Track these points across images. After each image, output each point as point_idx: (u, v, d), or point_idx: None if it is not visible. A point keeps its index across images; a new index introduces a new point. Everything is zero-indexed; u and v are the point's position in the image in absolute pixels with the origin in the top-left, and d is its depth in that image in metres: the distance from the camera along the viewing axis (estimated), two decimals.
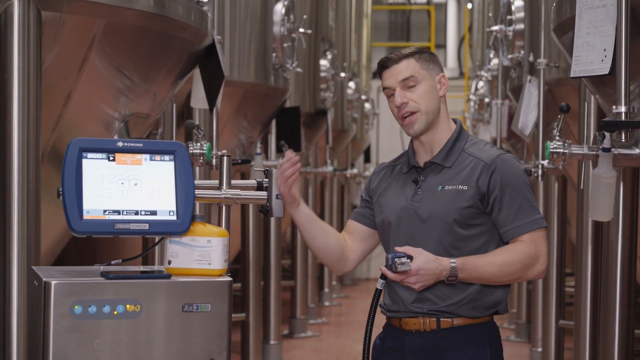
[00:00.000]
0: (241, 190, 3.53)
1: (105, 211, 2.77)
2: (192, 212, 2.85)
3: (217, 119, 5.23)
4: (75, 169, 2.75)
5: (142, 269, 2.96)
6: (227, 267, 2.89)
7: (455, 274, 3.09)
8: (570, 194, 7.23)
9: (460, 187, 3.17)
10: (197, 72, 4.91)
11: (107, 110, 4.35)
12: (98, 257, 5.93)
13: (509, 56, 7.19)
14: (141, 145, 2.85)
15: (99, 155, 2.80)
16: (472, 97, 12.67)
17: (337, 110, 10.71)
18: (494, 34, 7.46)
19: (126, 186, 2.80)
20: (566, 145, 4.07)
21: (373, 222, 3.37)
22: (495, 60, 9.49)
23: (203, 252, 2.86)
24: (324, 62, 9.39)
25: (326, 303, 11.82)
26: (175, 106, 5.18)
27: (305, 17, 7.39)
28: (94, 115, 4.30)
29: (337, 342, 9.47)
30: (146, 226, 2.80)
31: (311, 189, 10.23)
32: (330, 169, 10.22)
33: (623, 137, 3.58)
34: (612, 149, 3.73)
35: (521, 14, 7.07)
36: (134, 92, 4.36)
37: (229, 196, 3.48)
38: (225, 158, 3.58)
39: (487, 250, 3.17)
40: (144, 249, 4.95)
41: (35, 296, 2.79)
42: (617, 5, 3.45)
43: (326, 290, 11.97)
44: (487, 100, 10.67)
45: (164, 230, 2.83)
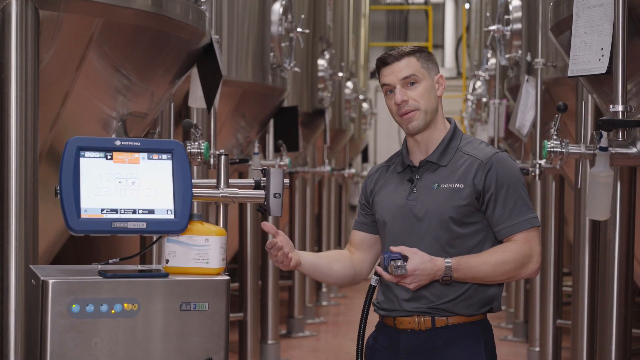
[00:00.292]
0: (239, 189, 3.53)
1: (102, 210, 2.76)
2: (189, 211, 2.85)
3: (215, 118, 5.23)
4: (72, 167, 2.75)
5: (139, 267, 2.96)
6: (224, 266, 2.89)
7: (450, 274, 3.09)
8: (568, 193, 7.23)
9: (456, 185, 3.18)
10: (194, 71, 4.91)
11: (105, 109, 4.35)
12: (96, 256, 5.93)
13: (507, 56, 7.19)
14: (139, 144, 2.85)
15: (97, 154, 2.79)
16: (469, 96, 12.68)
17: (334, 110, 10.71)
18: (492, 33, 7.46)
19: (124, 185, 2.80)
20: (563, 144, 4.07)
21: (375, 228, 3.37)
22: (492, 60, 9.50)
23: (201, 251, 2.86)
24: (321, 62, 9.39)
25: (324, 303, 11.82)
26: (173, 105, 5.18)
27: (303, 16, 7.39)
28: (92, 114, 4.30)
29: (334, 342, 9.47)
30: (144, 225, 2.79)
31: (309, 189, 10.22)
32: (328, 168, 10.22)
33: (620, 136, 3.58)
34: (609, 148, 3.73)
35: (518, 14, 7.07)
36: (131, 91, 4.36)
37: (226, 195, 3.47)
38: (223, 157, 3.57)
39: (483, 248, 3.18)
40: (141, 247, 4.95)
41: (33, 295, 2.79)
42: (614, 5, 3.45)
43: (324, 289, 11.97)
44: (484, 99, 10.68)
45: (161, 229, 2.82)
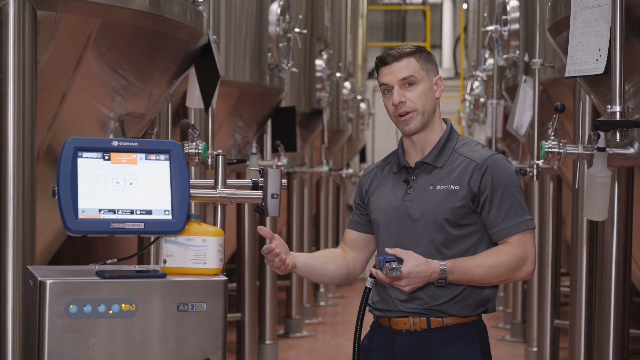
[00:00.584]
0: (237, 190, 3.52)
1: (100, 210, 2.76)
2: (187, 211, 2.85)
3: (213, 118, 5.24)
4: (70, 168, 2.75)
5: (137, 268, 2.95)
6: (222, 266, 2.89)
7: (445, 276, 3.09)
8: (565, 193, 7.24)
9: (452, 187, 3.18)
10: (192, 71, 4.91)
11: (103, 110, 4.35)
12: (93, 257, 5.93)
13: (504, 56, 7.20)
14: (136, 144, 2.85)
15: (94, 154, 2.79)
16: (467, 97, 12.69)
17: (332, 110, 10.72)
18: (489, 34, 7.47)
19: (121, 185, 2.80)
20: (561, 144, 4.08)
21: (370, 228, 3.37)
22: (490, 60, 9.51)
23: (198, 252, 2.86)
24: (319, 62, 9.39)
25: (322, 303, 11.82)
26: (170, 106, 5.18)
27: (300, 17, 7.39)
28: (90, 115, 4.30)
29: (332, 342, 9.47)
30: (141, 225, 2.79)
31: (307, 189, 10.23)
32: (325, 168, 10.23)
33: (618, 137, 3.59)
34: (606, 149, 3.73)
35: (516, 14, 7.07)
36: (129, 92, 4.36)
37: (224, 195, 3.47)
38: (221, 157, 3.57)
39: (478, 249, 3.18)
40: (139, 248, 4.95)
41: (31, 296, 2.79)
42: (611, 5, 3.46)
43: (322, 290, 11.97)
44: (482, 100, 10.69)
45: (159, 230, 2.82)
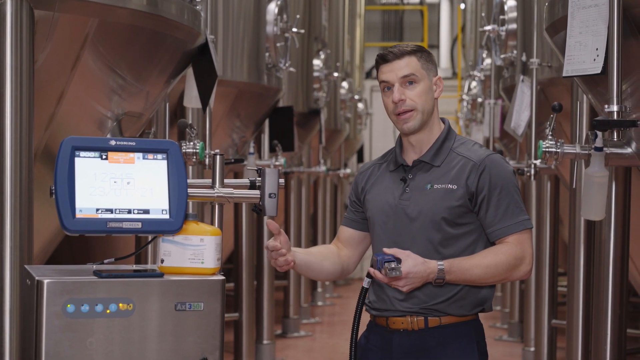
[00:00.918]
0: (234, 189, 3.52)
1: (97, 210, 2.76)
2: (184, 210, 2.85)
3: (210, 118, 5.23)
4: (67, 167, 2.75)
5: (134, 267, 2.96)
6: (220, 266, 2.90)
7: (443, 276, 3.09)
8: (563, 193, 7.24)
9: (449, 186, 3.18)
10: (190, 71, 4.90)
11: (100, 109, 4.34)
12: (91, 256, 5.93)
13: (502, 56, 7.20)
14: (134, 144, 2.85)
15: (92, 153, 2.79)
16: (465, 97, 12.69)
17: (330, 110, 10.71)
18: (487, 33, 7.47)
19: (119, 185, 2.80)
20: (558, 144, 4.08)
21: (364, 226, 3.37)
22: (488, 60, 9.50)
23: (196, 251, 2.86)
24: (317, 62, 9.39)
25: (319, 303, 11.82)
26: (168, 105, 5.18)
27: (298, 16, 7.39)
28: (87, 114, 4.30)
29: (330, 342, 9.47)
30: (139, 225, 2.79)
31: (304, 189, 10.22)
32: (323, 168, 10.22)
33: (615, 136, 3.59)
34: (604, 148, 3.73)
35: (514, 14, 7.07)
36: (126, 91, 4.36)
37: (221, 195, 3.47)
38: (218, 157, 3.57)
39: (475, 249, 3.18)
40: (136, 247, 4.95)
41: (28, 295, 2.79)
42: (609, 5, 3.46)
43: (319, 290, 11.97)
44: (479, 100, 10.69)
45: (156, 229, 2.82)
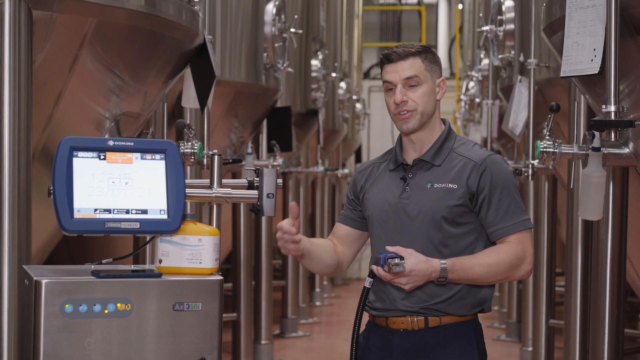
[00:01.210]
0: (232, 189, 3.53)
1: (96, 210, 2.77)
2: (183, 211, 2.85)
3: (208, 118, 5.23)
4: (66, 167, 2.75)
5: (133, 267, 2.96)
6: (217, 266, 2.90)
7: (445, 274, 3.10)
8: (560, 193, 7.25)
9: (450, 185, 3.18)
10: (188, 71, 4.91)
11: (98, 110, 4.35)
12: (89, 256, 5.93)
13: (500, 56, 7.20)
14: (132, 144, 2.85)
15: (90, 154, 2.80)
16: (462, 97, 12.70)
17: (328, 111, 10.72)
18: (485, 34, 7.47)
19: (117, 185, 2.80)
20: (556, 144, 4.08)
21: (361, 224, 3.37)
22: (485, 61, 9.50)
23: (194, 251, 2.86)
24: (315, 62, 9.39)
25: (317, 303, 11.82)
26: (166, 106, 5.18)
27: (296, 17, 7.39)
28: (85, 115, 4.30)
29: (328, 342, 9.47)
30: (137, 225, 2.80)
31: (302, 189, 10.23)
32: (321, 169, 10.22)
33: (612, 137, 3.59)
34: (601, 149, 3.74)
35: (511, 14, 7.08)
36: (125, 92, 4.36)
37: (219, 195, 3.48)
38: (216, 157, 3.58)
39: (475, 248, 3.19)
40: (135, 248, 4.95)
41: (26, 295, 2.79)
42: (606, 5, 3.46)
43: (317, 290, 11.97)
44: (477, 100, 10.70)
45: (154, 229, 2.83)
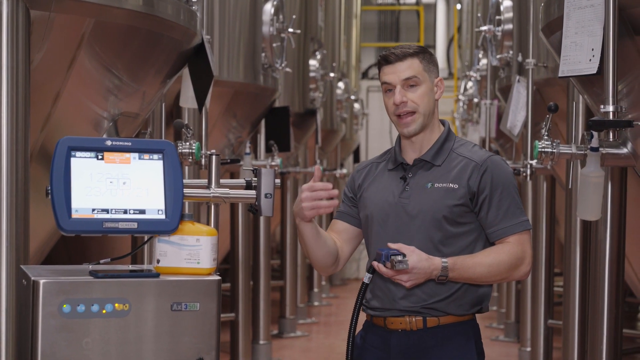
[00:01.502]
0: (230, 190, 3.52)
1: (93, 210, 2.76)
2: (180, 211, 2.85)
3: (206, 118, 5.23)
4: (63, 167, 2.75)
5: (131, 267, 2.95)
6: (215, 266, 2.89)
7: (446, 273, 3.10)
8: (559, 193, 7.25)
9: (450, 185, 3.19)
10: (186, 71, 4.90)
11: (96, 110, 4.34)
12: (87, 256, 5.93)
13: (498, 56, 7.20)
14: (130, 144, 2.85)
15: (88, 154, 2.79)
16: (461, 97, 12.70)
17: (326, 111, 10.72)
18: (483, 34, 7.48)
19: (115, 185, 2.80)
20: (554, 144, 4.08)
21: (359, 221, 3.37)
22: (484, 61, 9.51)
23: (192, 251, 2.86)
24: (313, 62, 9.39)
25: (315, 303, 11.82)
26: (164, 105, 5.18)
27: (294, 17, 7.39)
28: (83, 115, 4.29)
29: (326, 342, 9.47)
30: (135, 225, 2.79)
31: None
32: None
33: (611, 137, 3.60)
34: (600, 149, 3.74)
35: (510, 14, 7.08)
36: (123, 92, 4.36)
37: (217, 195, 3.47)
38: (214, 157, 3.57)
39: (475, 248, 3.20)
40: (132, 248, 4.95)
41: (24, 295, 2.79)
42: (604, 5, 3.46)
43: (315, 290, 11.97)
44: (476, 100, 10.69)
45: (152, 229, 2.82)
